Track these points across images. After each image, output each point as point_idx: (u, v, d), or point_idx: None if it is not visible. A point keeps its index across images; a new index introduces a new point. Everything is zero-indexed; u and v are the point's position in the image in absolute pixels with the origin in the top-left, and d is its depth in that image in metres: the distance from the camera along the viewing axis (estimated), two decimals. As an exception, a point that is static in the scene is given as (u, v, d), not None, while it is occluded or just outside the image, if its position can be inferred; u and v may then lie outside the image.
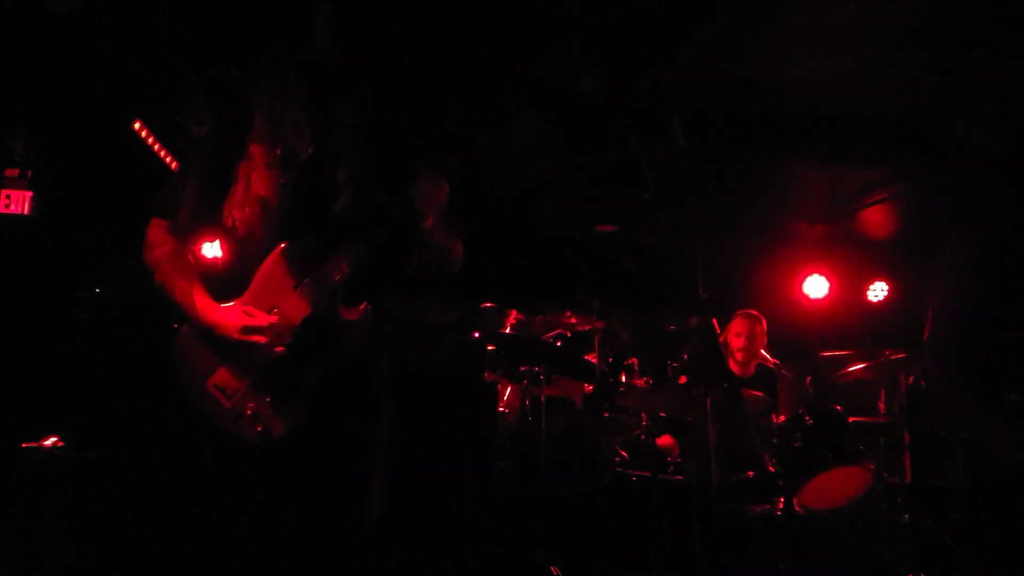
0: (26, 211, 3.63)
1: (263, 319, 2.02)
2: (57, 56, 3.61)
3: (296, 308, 2.04)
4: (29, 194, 3.65)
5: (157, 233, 2.18)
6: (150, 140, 4.02)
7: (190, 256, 2.20)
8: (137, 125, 3.92)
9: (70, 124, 3.89)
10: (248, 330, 2.00)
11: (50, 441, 3.19)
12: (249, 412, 2.03)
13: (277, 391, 2.04)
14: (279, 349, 2.02)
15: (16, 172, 3.67)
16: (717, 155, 5.10)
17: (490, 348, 4.48)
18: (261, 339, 2.00)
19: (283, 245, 2.07)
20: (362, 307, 2.08)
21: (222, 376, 2.06)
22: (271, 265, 2.07)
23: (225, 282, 2.11)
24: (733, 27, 3.67)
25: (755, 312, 4.83)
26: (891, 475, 4.10)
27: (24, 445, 3.14)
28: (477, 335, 4.73)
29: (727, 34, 3.72)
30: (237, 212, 2.09)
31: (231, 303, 2.07)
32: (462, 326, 4.88)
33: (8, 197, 3.63)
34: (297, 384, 2.04)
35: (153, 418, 3.37)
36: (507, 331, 4.78)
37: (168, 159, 4.18)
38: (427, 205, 2.07)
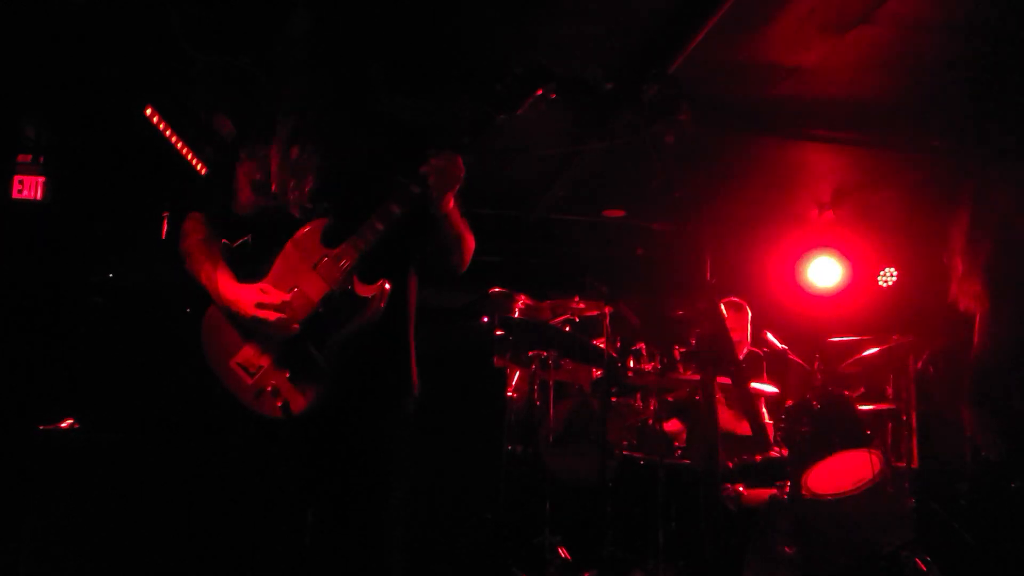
0: (39, 197, 3.65)
1: (276, 296, 2.08)
2: (70, 42, 3.63)
3: (315, 287, 2.10)
4: (42, 180, 3.67)
5: (191, 223, 2.29)
6: (162, 126, 4.04)
7: (219, 243, 2.27)
8: (149, 111, 3.94)
9: (83, 110, 3.91)
10: (261, 306, 2.07)
11: (66, 423, 3.25)
12: (270, 389, 2.09)
13: (296, 368, 2.09)
14: (295, 327, 2.06)
15: (29, 158, 3.69)
16: (725, 138, 5.08)
17: (499, 333, 4.50)
18: (271, 315, 2.06)
19: (303, 229, 2.12)
20: (379, 284, 2.11)
21: (245, 354, 2.13)
22: (290, 248, 2.13)
23: (253, 267, 2.18)
24: (743, 9, 3.64)
25: (738, 299, 4.84)
26: (898, 460, 4.12)
27: (41, 427, 3.20)
28: (485, 320, 4.74)
29: (736, 16, 3.69)
30: (276, 185, 2.16)
31: (253, 284, 2.13)
32: (470, 311, 4.90)
33: (21, 183, 3.65)
34: (316, 361, 2.09)
35: (166, 401, 3.42)
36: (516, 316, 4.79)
37: (179, 145, 4.21)
38: (444, 183, 2.09)
